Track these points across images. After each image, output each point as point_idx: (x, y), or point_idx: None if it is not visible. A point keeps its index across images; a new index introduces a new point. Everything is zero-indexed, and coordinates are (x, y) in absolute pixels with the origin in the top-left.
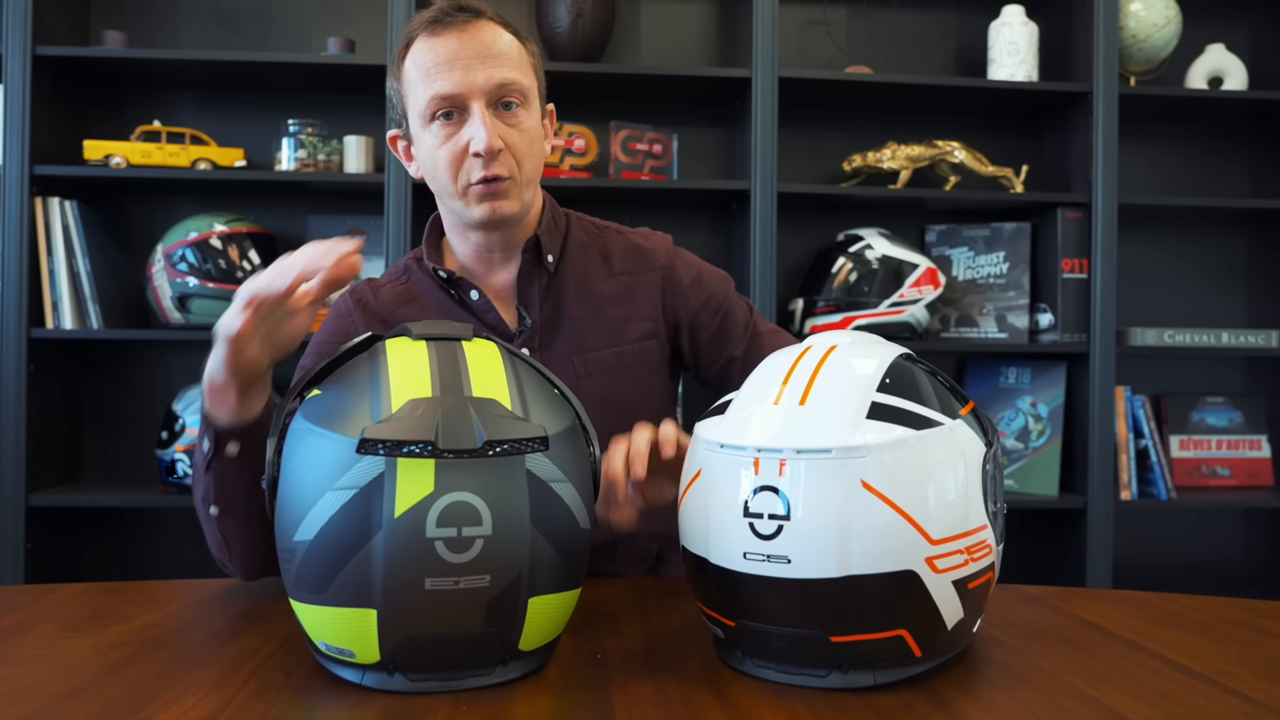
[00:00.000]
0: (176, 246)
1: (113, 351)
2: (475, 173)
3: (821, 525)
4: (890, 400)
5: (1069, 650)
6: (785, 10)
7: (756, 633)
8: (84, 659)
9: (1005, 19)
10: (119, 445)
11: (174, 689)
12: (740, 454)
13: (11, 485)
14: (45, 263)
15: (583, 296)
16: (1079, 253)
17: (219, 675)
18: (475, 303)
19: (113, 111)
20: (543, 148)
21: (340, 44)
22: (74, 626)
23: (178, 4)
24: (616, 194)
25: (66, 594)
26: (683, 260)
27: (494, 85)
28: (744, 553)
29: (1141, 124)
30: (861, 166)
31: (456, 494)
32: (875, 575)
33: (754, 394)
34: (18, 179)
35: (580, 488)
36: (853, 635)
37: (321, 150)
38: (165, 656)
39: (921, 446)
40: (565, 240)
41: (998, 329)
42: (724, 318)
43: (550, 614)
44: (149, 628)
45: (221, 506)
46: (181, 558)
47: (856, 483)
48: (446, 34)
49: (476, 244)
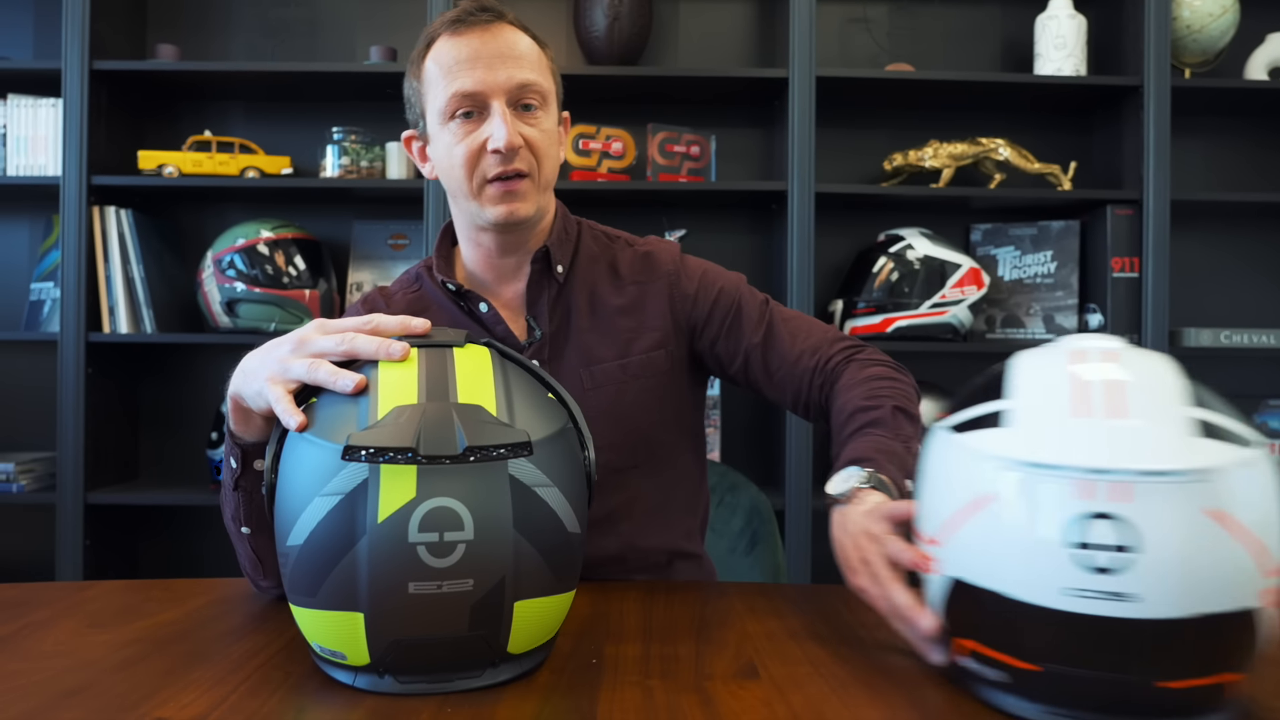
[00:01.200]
0: (225, 253)
1: (168, 355)
2: (492, 169)
3: (1171, 558)
4: (1208, 415)
5: None
6: (826, 9)
7: (1065, 678)
8: (98, 655)
9: (1052, 12)
10: (174, 445)
11: (175, 685)
12: (1062, 475)
13: (71, 483)
14: (102, 269)
15: (592, 308)
16: (1130, 251)
17: (221, 673)
18: (484, 315)
19: (167, 122)
20: (559, 151)
21: (382, 53)
22: (97, 623)
23: (229, 17)
24: (654, 196)
25: (97, 591)
26: (688, 265)
27: (515, 85)
28: (1068, 588)
29: (1197, 117)
30: (903, 165)
31: (438, 499)
32: (1219, 614)
33: (1033, 402)
34: (76, 189)
35: (569, 491)
36: (1184, 681)
37: (364, 157)
38: (175, 654)
39: (1262, 468)
40: (576, 250)
41: (1045, 330)
42: (736, 312)
43: (540, 617)
44: (166, 625)
45: (253, 525)
46: (230, 554)
47: (1204, 510)
48: (469, 34)
49: (488, 249)
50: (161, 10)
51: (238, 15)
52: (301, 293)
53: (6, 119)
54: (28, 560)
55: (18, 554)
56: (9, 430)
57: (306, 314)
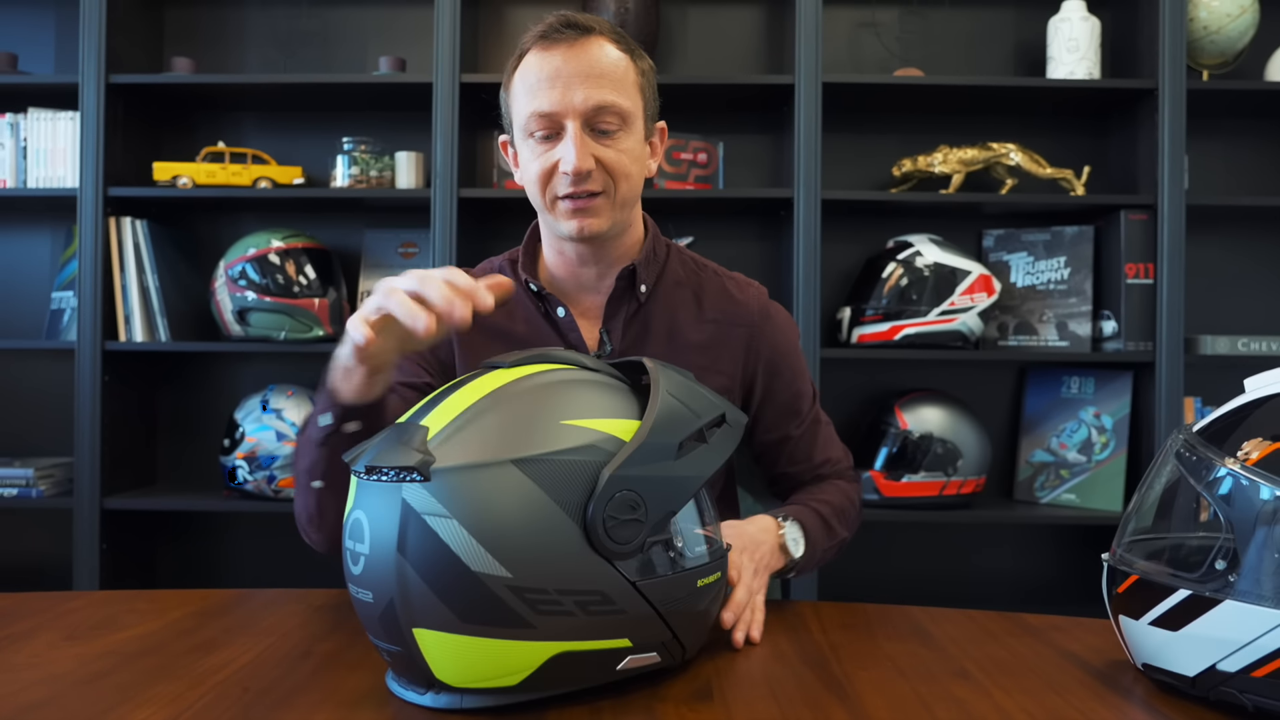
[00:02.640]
0: (236, 262)
1: (184, 363)
2: (563, 188)
3: None
4: None
5: (1040, 689)
6: (836, 14)
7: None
8: (67, 668)
9: (1065, 14)
10: (191, 452)
11: (135, 700)
12: None
13: (88, 489)
14: (118, 279)
15: (668, 335)
16: (1144, 257)
17: (183, 688)
18: (561, 319)
19: (182, 133)
20: (643, 168)
21: (391, 63)
22: (74, 635)
23: (242, 30)
24: (660, 204)
25: (82, 602)
26: (774, 323)
27: (590, 107)
28: None
29: (1216, 120)
30: (912, 171)
31: (357, 510)
32: None
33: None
34: (93, 201)
35: (481, 528)
36: None
37: (374, 167)
38: (142, 667)
39: None
40: (662, 273)
41: (1058, 337)
42: (796, 395)
43: (457, 654)
44: (141, 638)
45: (327, 481)
46: (246, 559)
47: None
48: (553, 50)
49: (569, 258)
50: (177, 24)
51: (251, 28)
52: (311, 301)
53: (27, 132)
54: (47, 564)
55: (37, 558)
56: (30, 436)
57: (316, 322)
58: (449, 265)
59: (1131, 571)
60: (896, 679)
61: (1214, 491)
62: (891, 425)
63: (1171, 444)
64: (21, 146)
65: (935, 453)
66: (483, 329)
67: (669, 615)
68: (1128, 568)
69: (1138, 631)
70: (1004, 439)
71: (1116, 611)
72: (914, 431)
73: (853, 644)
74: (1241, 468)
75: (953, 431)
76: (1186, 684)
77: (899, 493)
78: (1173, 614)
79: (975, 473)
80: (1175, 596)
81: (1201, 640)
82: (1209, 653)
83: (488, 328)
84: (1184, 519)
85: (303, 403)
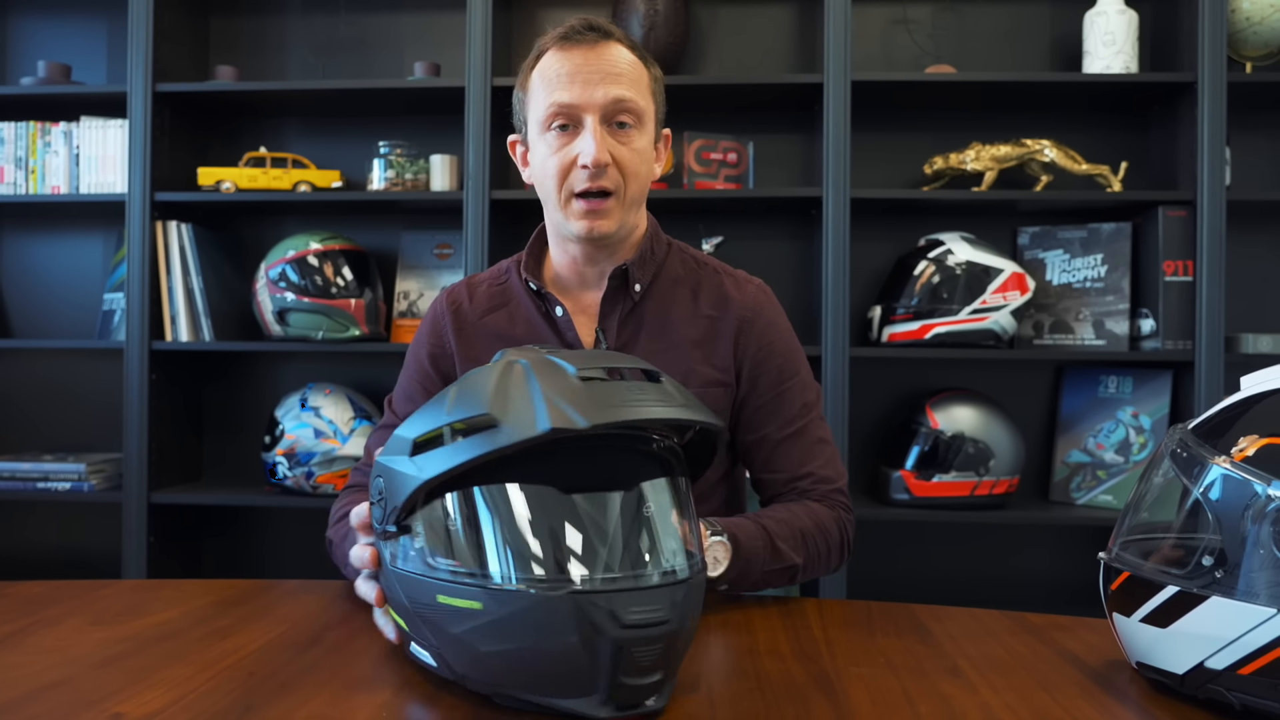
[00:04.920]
0: (277, 264)
1: (228, 362)
2: (580, 184)
3: None
4: None
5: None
6: (868, 10)
7: None
8: (87, 651)
9: (1101, 8)
10: (235, 448)
11: (144, 682)
12: None
13: (136, 483)
14: (164, 281)
15: (663, 331)
16: (1183, 254)
17: (191, 671)
18: (559, 319)
19: (226, 139)
20: (652, 169)
21: (426, 68)
22: (99, 621)
23: (283, 39)
24: (691, 204)
25: (113, 590)
26: (766, 319)
27: (610, 101)
28: None
29: (1260, 113)
30: (944, 169)
31: None
32: None
33: None
34: (140, 206)
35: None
36: None
37: (409, 170)
38: (156, 652)
39: None
40: (659, 271)
41: (1095, 336)
42: (780, 396)
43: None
44: (161, 624)
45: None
46: (286, 552)
47: None
48: (574, 49)
49: (574, 256)
50: (221, 34)
51: (291, 37)
52: (348, 302)
53: (79, 140)
54: (97, 556)
55: (88, 549)
56: (82, 433)
57: (353, 322)
58: (481, 265)
59: (1124, 568)
60: (886, 675)
61: (1203, 488)
62: (922, 425)
63: (1168, 441)
64: (74, 154)
65: (966, 452)
66: (482, 334)
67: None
68: (1121, 565)
69: (1130, 629)
70: (1039, 439)
71: (1111, 609)
72: (945, 431)
73: (849, 640)
74: (1230, 465)
75: (984, 431)
76: (1176, 682)
77: (929, 492)
78: (1162, 611)
79: (1008, 473)
80: (1164, 593)
81: (1190, 637)
82: (1197, 649)
83: (487, 332)
84: (1177, 517)
85: (340, 400)
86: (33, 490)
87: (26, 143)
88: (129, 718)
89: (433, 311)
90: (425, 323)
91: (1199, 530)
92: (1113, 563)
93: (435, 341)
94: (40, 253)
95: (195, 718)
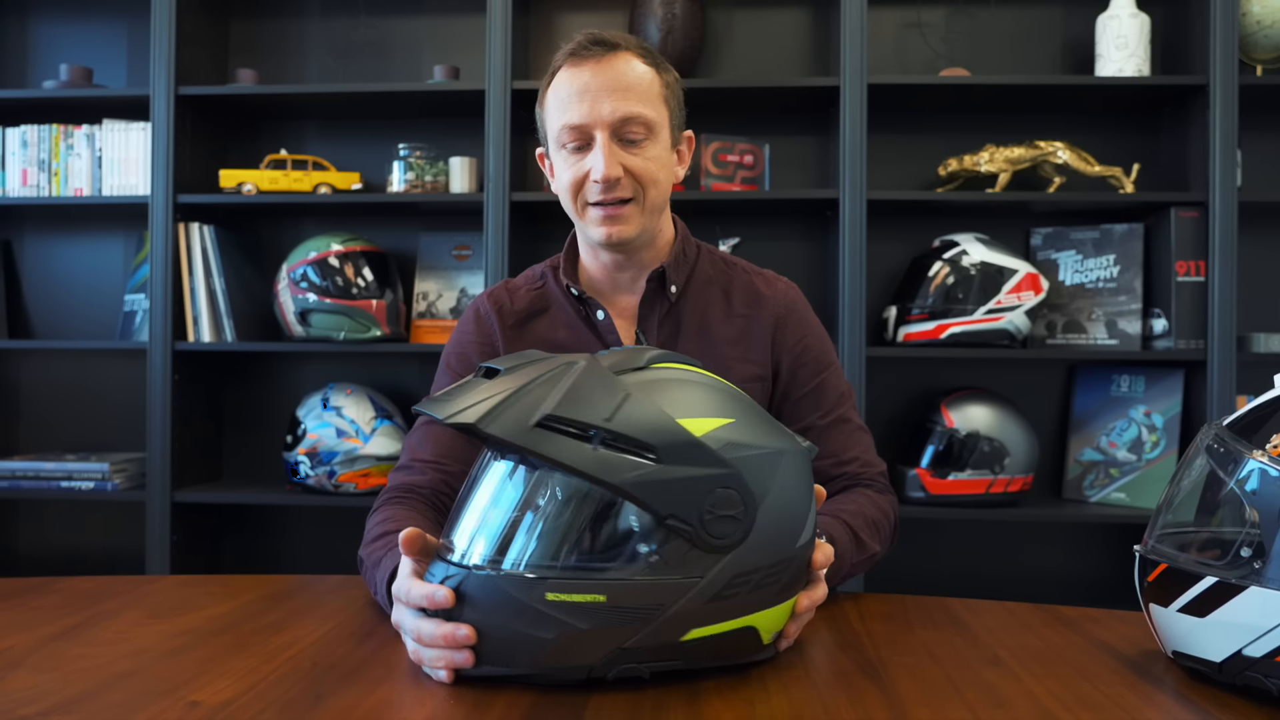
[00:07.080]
0: (298, 265)
1: (249, 362)
2: (594, 196)
3: None
4: None
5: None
6: (882, 14)
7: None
8: (151, 643)
9: (1113, 11)
10: (256, 447)
11: (213, 672)
12: None
13: (159, 482)
14: (187, 282)
15: (700, 331)
16: (1195, 254)
17: (256, 662)
18: (600, 322)
19: (247, 141)
20: (671, 174)
21: (445, 71)
22: (156, 614)
23: (303, 42)
24: (707, 206)
25: (161, 585)
26: (799, 314)
27: (618, 119)
28: None
29: (1270, 116)
30: (958, 170)
31: None
32: None
33: None
34: (163, 208)
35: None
36: None
37: (428, 172)
38: (219, 644)
39: None
40: (692, 273)
41: (1108, 335)
42: (820, 386)
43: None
44: (215, 618)
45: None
46: (306, 551)
47: None
48: (582, 67)
49: (604, 263)
50: (241, 37)
51: (311, 40)
52: (369, 303)
53: (102, 143)
54: (121, 554)
55: (112, 547)
56: (106, 432)
57: (374, 323)
58: (501, 266)
59: (1161, 560)
60: (930, 664)
61: (1241, 482)
62: (938, 423)
63: (1202, 437)
64: (97, 156)
65: (981, 451)
66: (525, 340)
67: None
68: (1158, 557)
69: (1167, 619)
70: (1053, 438)
71: (1147, 600)
72: (960, 430)
73: (889, 632)
74: (1269, 460)
75: (999, 430)
76: (1214, 670)
77: (945, 490)
78: (1200, 600)
79: (1022, 471)
80: (1203, 583)
81: (1228, 626)
82: (1235, 638)
83: (530, 338)
84: (1214, 511)
85: (361, 400)
86: (56, 490)
87: (49, 145)
88: (206, 706)
89: (475, 313)
90: (467, 324)
91: (1235, 523)
92: (1150, 555)
93: (484, 340)
94: (62, 254)
95: (269, 706)
